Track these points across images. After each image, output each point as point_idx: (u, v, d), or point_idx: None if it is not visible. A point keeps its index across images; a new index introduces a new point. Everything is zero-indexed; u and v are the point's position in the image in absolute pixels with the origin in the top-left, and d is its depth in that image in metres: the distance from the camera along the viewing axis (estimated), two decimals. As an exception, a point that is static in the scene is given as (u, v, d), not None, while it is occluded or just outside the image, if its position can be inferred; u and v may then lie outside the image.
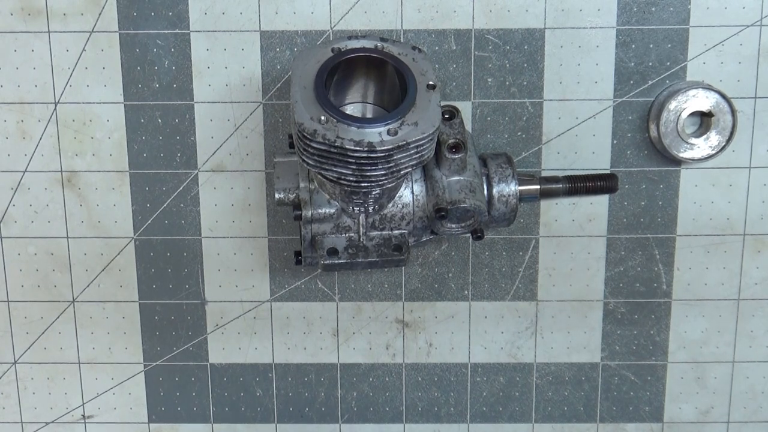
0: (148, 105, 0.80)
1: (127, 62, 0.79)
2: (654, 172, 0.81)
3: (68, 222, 0.83)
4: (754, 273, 0.83)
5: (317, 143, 0.61)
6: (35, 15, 0.78)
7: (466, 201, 0.68)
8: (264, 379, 0.86)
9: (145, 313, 0.85)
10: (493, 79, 0.79)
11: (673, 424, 0.87)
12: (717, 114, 0.77)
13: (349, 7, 0.78)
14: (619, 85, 0.79)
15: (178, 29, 0.78)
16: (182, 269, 0.84)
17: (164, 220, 0.83)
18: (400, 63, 0.65)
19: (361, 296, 0.84)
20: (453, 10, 0.78)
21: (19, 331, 0.86)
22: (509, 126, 0.80)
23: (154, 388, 0.87)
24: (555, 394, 0.86)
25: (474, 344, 0.85)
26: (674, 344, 0.85)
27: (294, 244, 0.83)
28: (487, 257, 0.83)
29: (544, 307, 0.84)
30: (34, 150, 0.81)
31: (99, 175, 0.82)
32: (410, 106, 0.62)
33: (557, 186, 0.75)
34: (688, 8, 0.77)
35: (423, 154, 0.63)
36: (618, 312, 0.84)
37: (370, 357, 0.86)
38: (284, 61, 0.79)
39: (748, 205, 0.81)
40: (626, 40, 0.78)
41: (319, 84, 0.62)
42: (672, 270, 0.83)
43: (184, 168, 0.82)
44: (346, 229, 0.71)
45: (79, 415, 0.88)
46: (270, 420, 0.87)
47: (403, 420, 0.87)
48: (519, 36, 0.78)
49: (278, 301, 0.85)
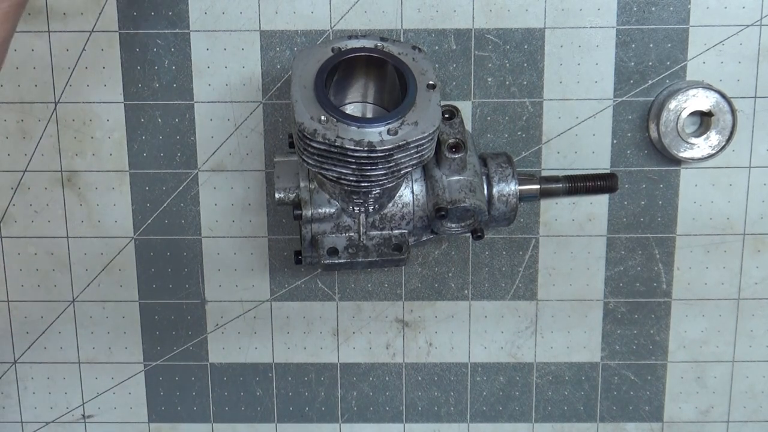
0: (148, 105, 0.80)
1: (127, 62, 0.79)
2: (654, 171, 0.81)
3: (68, 222, 0.83)
4: (754, 273, 0.83)
5: (317, 143, 0.61)
6: (35, 15, 0.78)
7: (466, 200, 0.68)
8: (264, 378, 0.86)
9: (145, 312, 0.85)
10: (493, 79, 0.79)
11: (673, 423, 0.87)
12: (717, 114, 0.77)
13: (349, 7, 0.78)
14: (619, 84, 0.79)
15: (178, 29, 0.78)
16: (182, 269, 0.84)
17: (164, 219, 0.83)
18: (400, 62, 0.65)
19: (361, 296, 0.84)
20: (453, 10, 0.78)
21: (19, 331, 0.86)
22: (509, 126, 0.80)
23: (154, 387, 0.87)
24: (555, 394, 0.86)
25: (474, 344, 0.85)
26: (674, 344, 0.85)
27: (294, 244, 0.83)
28: (487, 257, 0.83)
29: (544, 306, 0.84)
30: (34, 150, 0.81)
31: (99, 175, 0.82)
32: (410, 105, 0.62)
33: (557, 185, 0.75)
34: (687, 8, 0.77)
35: (423, 154, 0.63)
36: (618, 311, 0.84)
37: (370, 357, 0.86)
38: (284, 61, 0.79)
39: (748, 205, 0.81)
40: (626, 39, 0.78)
41: (319, 84, 0.62)
42: (672, 270, 0.83)
43: (184, 168, 0.82)
44: (346, 228, 0.71)
45: (79, 415, 0.88)
46: (270, 420, 0.87)
47: (403, 420, 0.87)
48: (519, 36, 0.78)
49: (278, 300, 0.85)
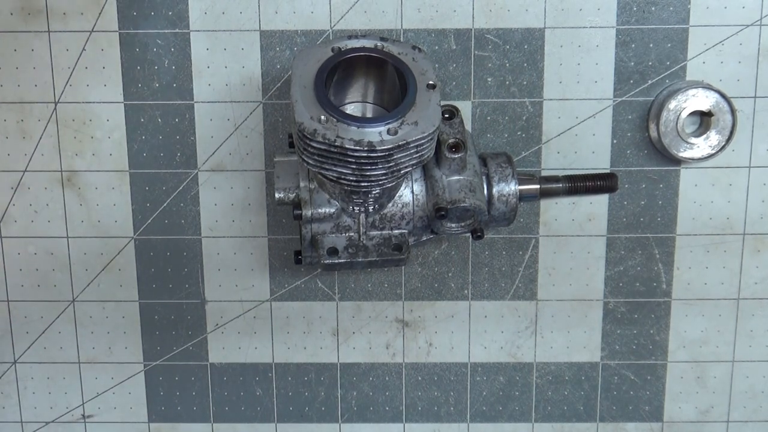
0: (148, 104, 0.80)
1: (127, 62, 0.79)
2: (654, 171, 0.81)
3: (68, 222, 0.83)
4: (754, 272, 0.83)
5: (317, 143, 0.60)
6: (35, 15, 0.78)
7: (465, 200, 0.68)
8: (264, 378, 0.86)
9: (145, 312, 0.85)
10: (493, 79, 0.79)
11: (672, 423, 0.87)
12: (717, 114, 0.77)
13: (348, 7, 0.78)
14: (619, 84, 0.79)
15: (178, 29, 0.78)
16: (182, 269, 0.84)
17: (164, 219, 0.83)
18: (400, 62, 0.65)
19: (361, 296, 0.84)
20: (453, 10, 0.78)
21: (19, 331, 0.86)
22: (509, 125, 0.80)
23: (154, 387, 0.87)
24: (555, 394, 0.86)
25: (474, 344, 0.85)
26: (674, 344, 0.85)
27: (294, 244, 0.83)
28: (487, 257, 0.83)
29: (543, 306, 0.84)
30: (34, 150, 0.81)
31: (99, 175, 0.82)
32: (410, 105, 0.62)
33: (557, 185, 0.75)
34: (687, 8, 0.77)
35: (423, 154, 0.63)
36: (618, 311, 0.84)
37: (370, 356, 0.86)
38: (284, 61, 0.79)
39: (748, 205, 0.81)
40: (626, 39, 0.78)
41: (319, 83, 0.62)
42: (672, 269, 0.83)
43: (184, 167, 0.82)
44: (346, 228, 0.71)
45: (79, 415, 0.88)
46: (270, 419, 0.87)
47: (403, 419, 0.87)
48: (519, 35, 0.78)
49: (278, 300, 0.85)
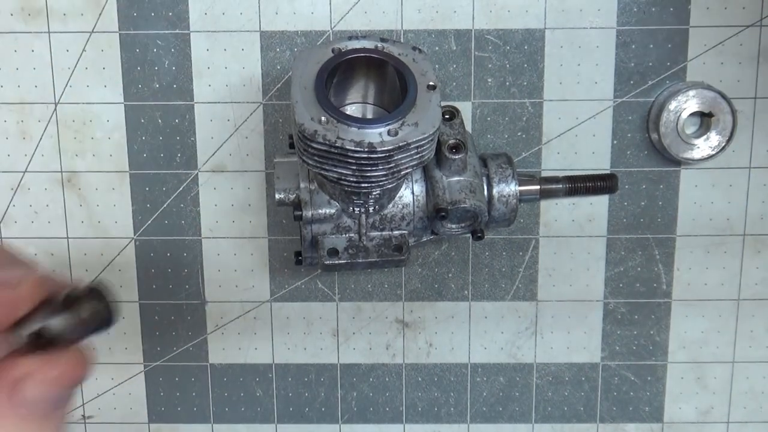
0: (148, 105, 0.80)
1: (127, 62, 0.79)
2: (654, 172, 0.81)
3: (68, 222, 0.83)
4: (754, 273, 0.83)
5: (318, 144, 0.60)
6: (35, 15, 0.78)
7: (466, 201, 0.68)
8: (264, 379, 0.86)
9: (145, 313, 0.85)
10: (493, 79, 0.79)
11: (673, 424, 0.87)
12: (717, 114, 0.77)
13: (349, 8, 0.78)
14: (619, 85, 0.79)
15: (178, 29, 0.78)
16: (182, 269, 0.84)
17: (164, 220, 0.83)
18: (400, 63, 0.65)
19: (361, 296, 0.84)
20: (453, 11, 0.78)
21: (19, 332, 0.85)
22: (509, 126, 0.80)
23: (154, 388, 0.87)
24: (555, 394, 0.86)
25: (474, 344, 0.85)
26: (674, 344, 0.85)
27: (294, 245, 0.83)
28: (487, 257, 0.83)
29: (544, 307, 0.84)
30: (34, 150, 0.81)
31: (99, 176, 0.82)
32: (410, 106, 0.62)
33: (557, 186, 0.74)
34: (688, 8, 0.77)
35: (423, 155, 0.63)
36: (618, 312, 0.84)
37: (370, 357, 0.86)
38: (284, 62, 0.79)
39: (748, 206, 0.81)
40: (626, 40, 0.78)
41: (320, 84, 0.62)
42: (672, 270, 0.83)
43: (184, 168, 0.81)
44: (347, 229, 0.71)
45: (79, 416, 0.88)
46: (270, 420, 0.87)
47: (403, 420, 0.87)
48: (519, 36, 0.78)
49: (278, 301, 0.85)
